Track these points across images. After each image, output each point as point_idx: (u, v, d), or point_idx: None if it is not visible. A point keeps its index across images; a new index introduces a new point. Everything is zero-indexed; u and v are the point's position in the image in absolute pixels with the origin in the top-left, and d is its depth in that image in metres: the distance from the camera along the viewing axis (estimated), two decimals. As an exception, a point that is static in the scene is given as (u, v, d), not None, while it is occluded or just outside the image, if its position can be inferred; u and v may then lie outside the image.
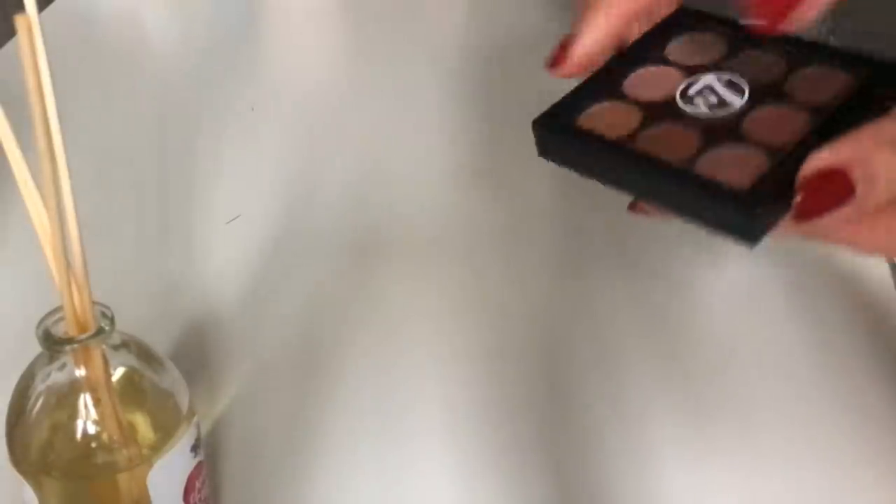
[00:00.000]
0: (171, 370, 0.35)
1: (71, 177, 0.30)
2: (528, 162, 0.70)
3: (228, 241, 0.58)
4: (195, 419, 0.36)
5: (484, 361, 0.49)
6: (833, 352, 0.49)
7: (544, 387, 0.47)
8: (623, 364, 0.49)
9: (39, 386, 0.33)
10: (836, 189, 0.26)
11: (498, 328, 0.51)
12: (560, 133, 0.32)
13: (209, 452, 0.43)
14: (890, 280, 0.54)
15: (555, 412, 0.46)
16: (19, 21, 0.26)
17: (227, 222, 0.60)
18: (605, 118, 0.32)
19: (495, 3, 0.92)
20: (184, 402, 0.35)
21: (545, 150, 0.33)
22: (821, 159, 0.26)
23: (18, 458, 0.33)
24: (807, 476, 0.43)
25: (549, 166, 0.67)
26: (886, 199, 0.26)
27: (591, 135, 0.31)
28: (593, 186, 0.30)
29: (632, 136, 0.31)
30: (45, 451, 0.33)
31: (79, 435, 0.33)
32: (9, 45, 0.79)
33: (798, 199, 0.26)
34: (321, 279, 0.55)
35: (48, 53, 0.28)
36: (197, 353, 0.50)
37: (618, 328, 0.51)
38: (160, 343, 0.36)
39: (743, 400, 0.47)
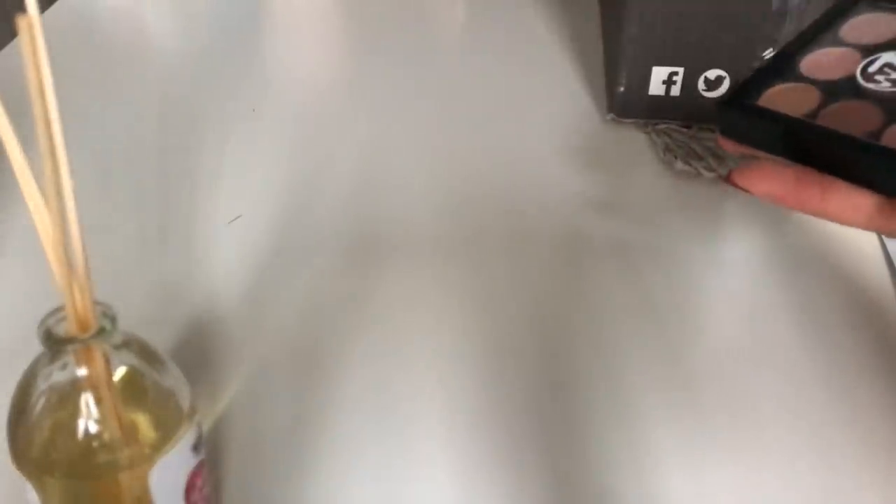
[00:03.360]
0: (173, 369, 0.35)
1: (72, 176, 0.30)
2: (529, 162, 0.70)
3: (230, 241, 0.58)
4: (196, 418, 0.36)
5: (485, 362, 0.49)
6: (833, 352, 0.49)
7: (545, 387, 0.48)
8: (624, 364, 0.49)
9: (41, 385, 0.33)
10: None
11: (499, 329, 0.51)
12: (744, 112, 0.33)
13: (210, 451, 0.43)
14: (890, 280, 0.54)
15: (556, 412, 0.46)
16: (21, 21, 0.26)
17: (229, 222, 0.60)
18: (785, 98, 0.33)
19: (495, 3, 0.92)
20: (185, 401, 0.35)
21: (728, 130, 0.33)
22: None
23: (20, 457, 0.33)
24: (808, 476, 0.43)
25: (549, 168, 0.67)
26: None
27: (775, 112, 0.32)
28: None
29: (813, 113, 0.31)
30: (46, 451, 0.33)
31: (80, 434, 0.33)
32: (10, 46, 0.80)
33: None
34: (322, 279, 0.55)
35: (50, 54, 0.28)
36: (198, 352, 0.50)
37: (619, 329, 0.51)
38: (161, 342, 0.36)
39: (744, 400, 0.47)
